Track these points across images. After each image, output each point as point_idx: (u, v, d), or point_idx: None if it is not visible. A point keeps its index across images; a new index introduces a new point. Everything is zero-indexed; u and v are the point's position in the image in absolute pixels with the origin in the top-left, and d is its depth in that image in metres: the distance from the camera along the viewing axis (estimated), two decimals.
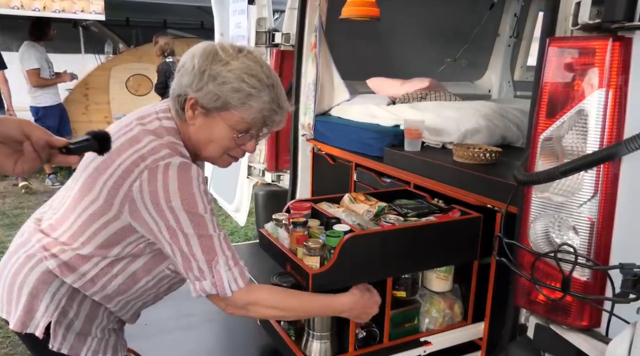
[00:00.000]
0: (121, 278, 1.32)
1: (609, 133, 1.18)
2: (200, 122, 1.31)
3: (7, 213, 5.09)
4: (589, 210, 1.22)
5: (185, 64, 1.31)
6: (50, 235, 1.31)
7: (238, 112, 1.28)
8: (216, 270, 1.24)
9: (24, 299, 1.28)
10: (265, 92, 1.30)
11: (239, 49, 1.31)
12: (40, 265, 1.28)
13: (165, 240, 1.23)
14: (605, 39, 1.16)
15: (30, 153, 0.95)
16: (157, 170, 1.20)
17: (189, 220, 1.21)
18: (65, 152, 0.98)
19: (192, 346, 1.78)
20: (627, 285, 1.09)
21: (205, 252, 1.23)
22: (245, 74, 1.27)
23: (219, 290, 1.25)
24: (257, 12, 3.04)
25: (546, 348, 1.34)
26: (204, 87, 1.26)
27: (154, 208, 1.20)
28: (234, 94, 1.27)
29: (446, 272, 1.70)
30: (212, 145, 1.34)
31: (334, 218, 1.62)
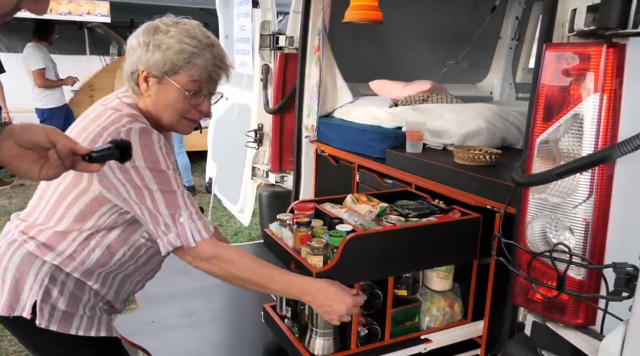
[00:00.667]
0: (99, 251, 1.40)
1: (604, 136, 1.21)
2: (154, 91, 1.42)
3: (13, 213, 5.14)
4: (584, 211, 1.25)
5: (131, 44, 1.44)
6: (27, 220, 1.42)
7: (185, 71, 1.40)
8: (179, 222, 1.32)
9: (8, 283, 1.37)
10: (207, 50, 1.42)
11: (177, 21, 1.44)
12: (20, 249, 1.38)
13: (133, 201, 1.31)
14: (599, 45, 1.20)
15: (55, 161, 0.99)
16: (120, 135, 1.29)
17: (152, 176, 1.30)
18: (88, 160, 1.02)
19: (198, 342, 1.82)
20: (620, 284, 1.13)
21: (169, 206, 1.32)
22: (185, 37, 1.39)
23: (182, 240, 1.32)
24: (261, 15, 3.08)
25: (543, 346, 1.38)
26: (151, 57, 1.38)
27: (120, 171, 1.29)
28: (179, 56, 1.38)
29: (446, 272, 1.73)
30: (168, 110, 1.44)
31: (337, 218, 1.65)
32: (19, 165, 0.98)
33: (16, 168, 0.99)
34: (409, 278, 1.69)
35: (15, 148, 0.97)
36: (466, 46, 3.60)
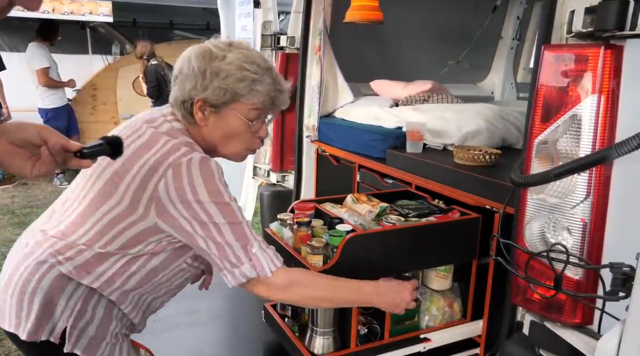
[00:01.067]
0: (139, 275, 1.33)
1: (601, 137, 1.22)
2: (213, 121, 1.35)
3: (17, 212, 5.17)
4: (581, 212, 1.26)
5: (182, 69, 1.35)
6: (66, 239, 1.29)
7: (247, 99, 1.33)
8: (252, 253, 1.27)
9: (36, 307, 1.26)
10: (267, 75, 1.36)
11: (229, 43, 1.37)
12: (52, 271, 1.27)
13: (198, 235, 1.25)
14: (597, 46, 1.20)
15: (47, 157, 1.00)
16: (181, 166, 1.23)
17: (218, 210, 1.24)
18: (79, 156, 1.03)
19: (200, 341, 1.83)
20: (616, 284, 1.14)
21: (238, 238, 1.26)
22: (245, 63, 1.32)
23: (259, 271, 1.27)
24: (262, 15, 3.09)
25: (541, 345, 1.39)
26: (208, 85, 1.31)
27: (182, 205, 1.23)
28: (240, 84, 1.31)
29: (446, 271, 1.74)
30: (231, 141, 1.39)
31: (337, 218, 1.67)
32: (11, 162, 1.00)
33: (9, 165, 1.00)
34: (408, 277, 1.69)
35: (8, 146, 0.99)
36: (467, 46, 3.60)
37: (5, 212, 5.17)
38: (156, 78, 5.62)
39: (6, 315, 1.30)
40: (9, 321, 1.29)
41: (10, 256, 1.37)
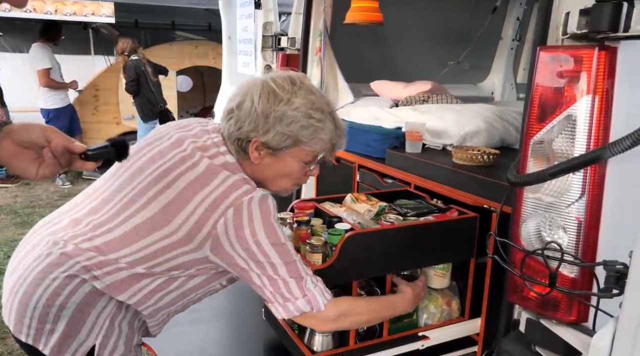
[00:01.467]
0: (174, 294, 1.32)
1: (596, 137, 1.24)
2: (268, 161, 1.33)
3: (19, 212, 5.20)
4: (576, 210, 1.28)
5: (241, 105, 1.31)
6: (107, 255, 1.24)
7: (309, 146, 1.33)
8: (307, 288, 1.29)
9: (64, 322, 1.22)
10: (329, 121, 1.35)
11: (291, 81, 1.33)
12: (85, 286, 1.22)
13: (253, 272, 1.26)
14: (591, 48, 1.22)
15: (50, 159, 0.99)
16: (242, 206, 1.21)
17: (275, 251, 1.25)
18: (84, 158, 1.02)
19: (202, 339, 1.85)
20: (610, 281, 1.16)
21: (293, 275, 1.28)
22: (311, 110, 1.30)
23: (313, 305, 1.30)
24: (263, 16, 3.12)
25: (537, 342, 1.41)
26: (270, 129, 1.28)
27: (240, 245, 1.22)
28: (303, 131, 1.30)
29: (444, 270, 1.76)
30: (282, 179, 1.39)
31: (336, 217, 1.69)
32: (17, 164, 1.00)
33: (14, 167, 1.00)
34: (407, 275, 1.72)
35: (13, 146, 0.99)
36: (467, 47, 3.62)
37: (7, 211, 5.20)
38: (135, 73, 5.63)
39: (24, 327, 1.24)
40: (27, 333, 1.24)
41: (25, 259, 1.29)
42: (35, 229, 1.39)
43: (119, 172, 1.35)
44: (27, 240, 1.37)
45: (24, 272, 1.26)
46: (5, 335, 2.98)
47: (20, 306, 1.24)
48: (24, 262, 1.29)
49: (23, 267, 1.28)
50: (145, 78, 5.66)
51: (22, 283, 1.25)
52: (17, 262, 1.32)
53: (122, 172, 1.34)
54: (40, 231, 1.35)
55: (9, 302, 1.27)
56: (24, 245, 1.35)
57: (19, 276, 1.27)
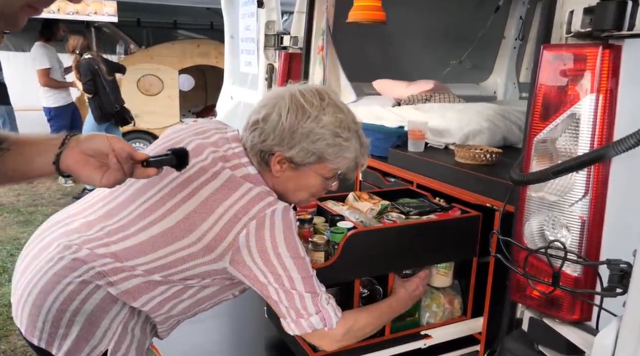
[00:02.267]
0: (187, 302, 1.32)
1: (600, 136, 1.23)
2: (289, 175, 1.34)
3: (22, 211, 5.21)
4: (580, 209, 1.28)
5: (267, 118, 1.31)
6: (123, 262, 1.24)
7: (333, 164, 1.33)
8: (321, 305, 1.28)
9: (77, 327, 1.21)
10: (355, 139, 1.35)
11: (320, 96, 1.32)
12: (99, 291, 1.22)
13: (271, 286, 1.25)
14: (595, 46, 1.22)
15: (115, 165, 1.03)
16: (265, 218, 1.21)
17: (295, 265, 1.24)
18: (145, 165, 1.06)
19: (204, 337, 1.86)
20: (613, 280, 1.15)
21: (309, 290, 1.27)
22: (338, 128, 1.30)
23: (327, 323, 1.29)
24: (266, 15, 3.12)
25: (539, 341, 1.40)
26: (295, 145, 1.28)
27: (260, 257, 1.22)
28: (329, 150, 1.30)
29: (446, 269, 1.76)
30: (301, 192, 1.39)
31: (338, 215, 1.69)
32: (82, 171, 1.05)
33: (79, 174, 1.05)
34: (409, 274, 1.71)
35: (80, 155, 1.04)
36: (470, 46, 3.62)
37: (10, 210, 5.21)
38: (90, 72, 5.45)
39: (37, 331, 1.22)
40: (40, 337, 1.22)
41: (37, 260, 1.28)
42: (43, 229, 1.37)
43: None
44: (35, 240, 1.35)
45: (36, 274, 1.25)
46: (8, 333, 2.98)
47: (33, 309, 1.22)
48: (35, 263, 1.28)
49: (35, 268, 1.26)
50: (99, 77, 5.47)
51: (34, 285, 1.24)
52: (27, 263, 1.30)
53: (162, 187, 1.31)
54: (50, 231, 1.34)
55: (21, 304, 1.26)
56: (33, 245, 1.34)
57: (31, 279, 1.25)
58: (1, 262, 3.85)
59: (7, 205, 5.36)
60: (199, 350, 1.81)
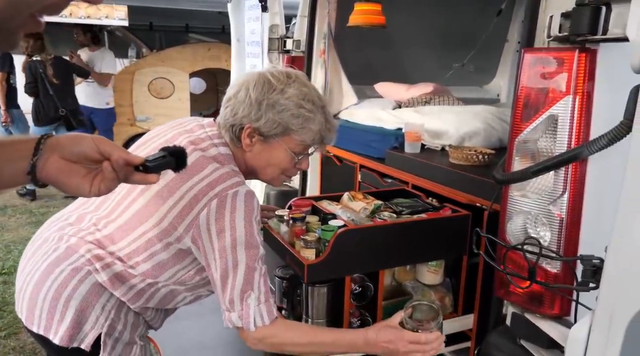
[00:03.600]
0: (163, 292, 1.38)
1: (577, 136, 1.28)
2: (258, 149, 1.39)
3: (34, 212, 5.33)
4: (558, 208, 1.32)
5: (237, 94, 1.38)
6: (106, 248, 1.31)
7: (298, 135, 1.39)
8: (246, 303, 1.27)
9: (71, 312, 1.27)
10: (320, 113, 1.41)
11: (287, 74, 1.40)
12: (89, 278, 1.29)
13: (214, 264, 1.27)
14: (572, 50, 1.27)
15: (110, 173, 0.89)
16: (226, 199, 1.26)
17: (245, 249, 1.26)
18: (142, 170, 0.93)
19: (201, 332, 1.92)
20: (587, 275, 1.20)
21: (245, 282, 1.27)
22: (302, 100, 1.37)
23: (244, 323, 1.28)
24: (270, 19, 3.19)
25: (521, 335, 1.45)
26: (262, 116, 1.35)
27: (216, 235, 1.25)
28: (294, 120, 1.36)
29: (437, 266, 1.80)
30: (271, 168, 1.44)
31: (330, 214, 1.74)
32: (67, 181, 0.88)
33: (64, 184, 0.89)
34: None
35: (61, 162, 0.87)
36: (472, 49, 3.65)
37: (23, 211, 5.33)
38: (32, 74, 5.48)
39: (35, 318, 1.30)
40: (38, 324, 1.30)
41: (34, 256, 1.36)
42: (44, 227, 1.46)
43: None
44: (37, 237, 1.44)
45: (33, 267, 1.34)
46: (17, 330, 3.07)
47: (31, 298, 1.31)
48: (34, 258, 1.36)
49: (32, 262, 1.35)
50: (42, 80, 5.45)
51: (32, 276, 1.32)
52: (28, 258, 1.39)
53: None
54: (49, 227, 1.43)
55: (21, 296, 1.34)
56: (34, 242, 1.43)
57: (30, 271, 1.34)
58: (13, 262, 3.96)
59: (20, 207, 5.48)
60: (197, 345, 1.87)
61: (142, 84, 6.83)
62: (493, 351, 1.47)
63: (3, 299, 3.37)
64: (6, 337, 2.97)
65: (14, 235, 4.66)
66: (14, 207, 5.48)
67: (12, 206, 5.49)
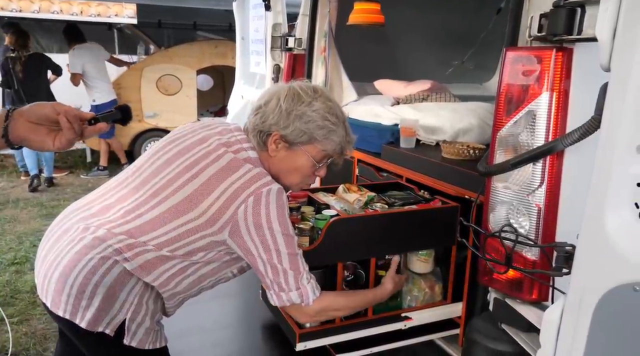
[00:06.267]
0: (191, 279, 1.46)
1: (554, 130, 1.35)
2: (283, 154, 1.51)
3: (45, 205, 5.45)
4: (537, 198, 1.40)
5: (268, 103, 1.52)
6: (137, 238, 1.38)
7: (321, 145, 1.51)
8: (302, 283, 1.44)
9: (98, 299, 1.35)
10: (341, 126, 1.54)
11: (314, 90, 1.54)
12: (117, 266, 1.36)
13: (260, 258, 1.41)
14: (550, 49, 1.34)
15: (65, 124, 1.13)
16: (261, 196, 1.37)
17: (284, 241, 1.40)
18: (93, 123, 1.18)
19: (202, 317, 2.00)
20: (560, 261, 1.28)
21: (293, 268, 1.43)
22: (327, 113, 1.50)
23: (304, 299, 1.45)
24: (273, 18, 3.26)
25: (502, 320, 1.52)
26: (290, 125, 1.48)
27: (255, 231, 1.38)
28: (318, 131, 1.49)
29: (426, 256, 1.88)
30: (293, 174, 1.55)
31: (325, 204, 1.82)
32: (34, 138, 1.14)
33: (32, 141, 1.14)
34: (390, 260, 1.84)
35: (28, 124, 1.13)
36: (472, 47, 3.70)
37: (34, 204, 5.46)
38: (3, 69, 5.75)
39: (62, 303, 1.37)
40: (65, 309, 1.37)
41: (58, 244, 1.42)
42: (62, 217, 1.52)
43: (145, 165, 1.50)
44: (56, 226, 1.50)
45: (59, 254, 1.39)
46: (29, 317, 3.19)
47: (59, 284, 1.37)
48: (57, 246, 1.42)
49: (57, 250, 1.41)
50: (12, 76, 5.73)
51: (58, 263, 1.38)
52: (50, 246, 1.45)
53: (149, 165, 1.50)
54: (70, 217, 1.49)
55: (46, 281, 1.41)
56: (54, 230, 1.49)
57: (55, 259, 1.40)
58: (24, 252, 4.08)
59: (32, 200, 5.61)
60: (196, 328, 1.96)
61: (150, 80, 6.93)
62: (475, 335, 1.54)
63: (15, 287, 3.48)
64: (18, 323, 3.09)
65: (25, 227, 4.79)
66: (26, 199, 5.61)
67: (24, 199, 5.62)
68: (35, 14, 6.27)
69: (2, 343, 2.85)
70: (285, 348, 1.81)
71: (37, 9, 6.24)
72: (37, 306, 3.24)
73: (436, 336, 1.94)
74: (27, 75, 5.77)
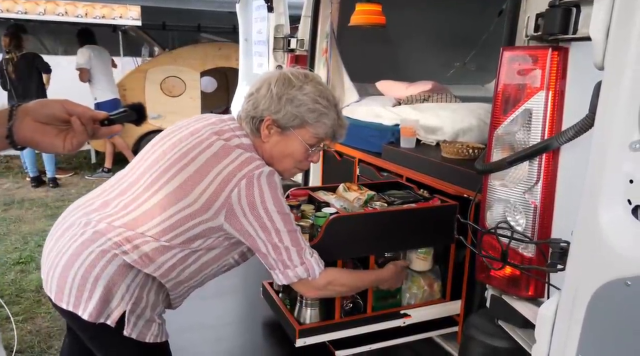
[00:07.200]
0: (193, 267, 1.49)
1: (549, 129, 1.37)
2: (276, 140, 1.52)
3: (50, 205, 5.49)
4: (532, 195, 1.41)
5: (259, 89, 1.52)
6: (135, 230, 1.41)
7: (313, 128, 1.52)
8: (305, 258, 1.47)
9: (99, 291, 1.37)
10: (333, 110, 1.55)
11: (305, 75, 1.55)
12: (116, 259, 1.38)
13: (260, 239, 1.42)
14: (546, 48, 1.36)
15: (79, 127, 1.02)
16: (253, 178, 1.39)
17: (281, 219, 1.42)
18: (107, 123, 1.09)
19: (204, 314, 2.02)
20: (555, 257, 1.29)
21: (294, 244, 1.45)
22: (318, 96, 1.51)
23: (310, 273, 1.48)
24: (275, 19, 3.29)
25: (499, 316, 1.54)
26: (282, 109, 1.48)
27: (250, 212, 1.39)
28: (310, 114, 1.50)
29: (425, 254, 1.90)
30: (286, 159, 1.56)
31: (325, 203, 1.84)
32: (42, 139, 1.01)
33: (40, 143, 1.01)
34: (389, 258, 1.86)
35: (35, 124, 1.00)
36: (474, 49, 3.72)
37: (39, 204, 5.50)
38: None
39: (65, 296, 1.41)
40: (68, 301, 1.40)
41: (61, 238, 1.46)
42: (68, 211, 1.56)
43: (142, 160, 1.53)
44: (60, 222, 1.54)
45: (61, 249, 1.43)
46: (33, 315, 3.22)
47: (61, 277, 1.41)
48: (60, 241, 1.46)
49: (60, 245, 1.45)
50: (6, 77, 5.84)
51: (61, 258, 1.42)
52: (54, 242, 1.49)
53: (146, 160, 1.53)
54: (73, 213, 1.53)
55: (49, 276, 1.45)
56: (58, 227, 1.53)
57: (57, 253, 1.44)
58: (29, 252, 4.12)
59: (37, 200, 5.65)
60: (197, 324, 1.98)
61: (154, 82, 6.97)
62: (472, 332, 1.56)
63: (20, 286, 3.52)
64: (23, 321, 3.12)
65: (30, 227, 4.83)
66: (31, 200, 5.65)
67: (29, 199, 5.66)
68: (41, 16, 6.32)
69: (8, 341, 2.88)
70: (285, 344, 1.83)
71: (43, 11, 6.28)
72: (42, 305, 3.27)
73: (435, 334, 1.95)
74: (18, 76, 5.85)
